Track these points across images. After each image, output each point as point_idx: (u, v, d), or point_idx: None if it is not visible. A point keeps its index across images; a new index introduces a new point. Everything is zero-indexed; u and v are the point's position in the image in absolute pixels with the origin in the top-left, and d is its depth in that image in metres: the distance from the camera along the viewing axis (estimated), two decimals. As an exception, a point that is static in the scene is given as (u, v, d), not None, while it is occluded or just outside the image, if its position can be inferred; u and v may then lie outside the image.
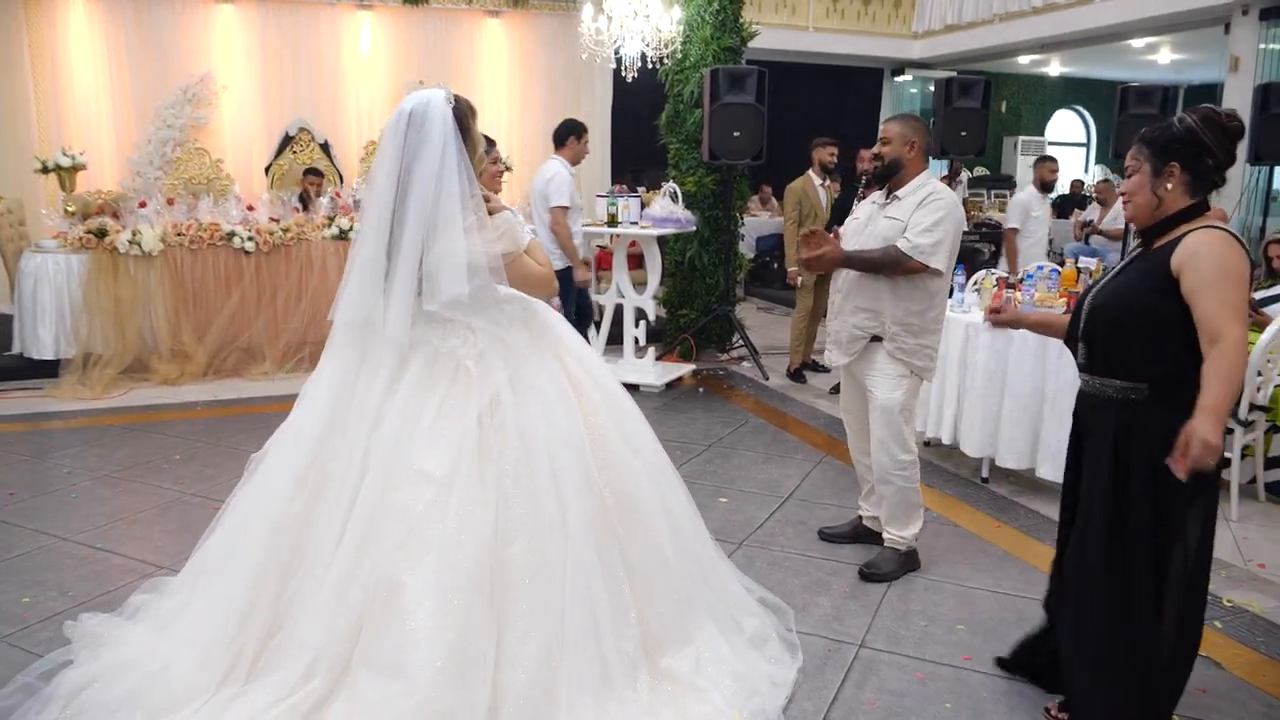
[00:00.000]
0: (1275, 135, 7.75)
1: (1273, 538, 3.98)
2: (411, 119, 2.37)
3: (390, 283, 2.38)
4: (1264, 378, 4.22)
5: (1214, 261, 2.21)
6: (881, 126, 3.51)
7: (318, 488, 2.43)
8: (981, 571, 3.59)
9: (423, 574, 2.27)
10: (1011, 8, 11.71)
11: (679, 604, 2.63)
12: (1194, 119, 2.29)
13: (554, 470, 2.43)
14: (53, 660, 2.66)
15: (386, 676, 2.21)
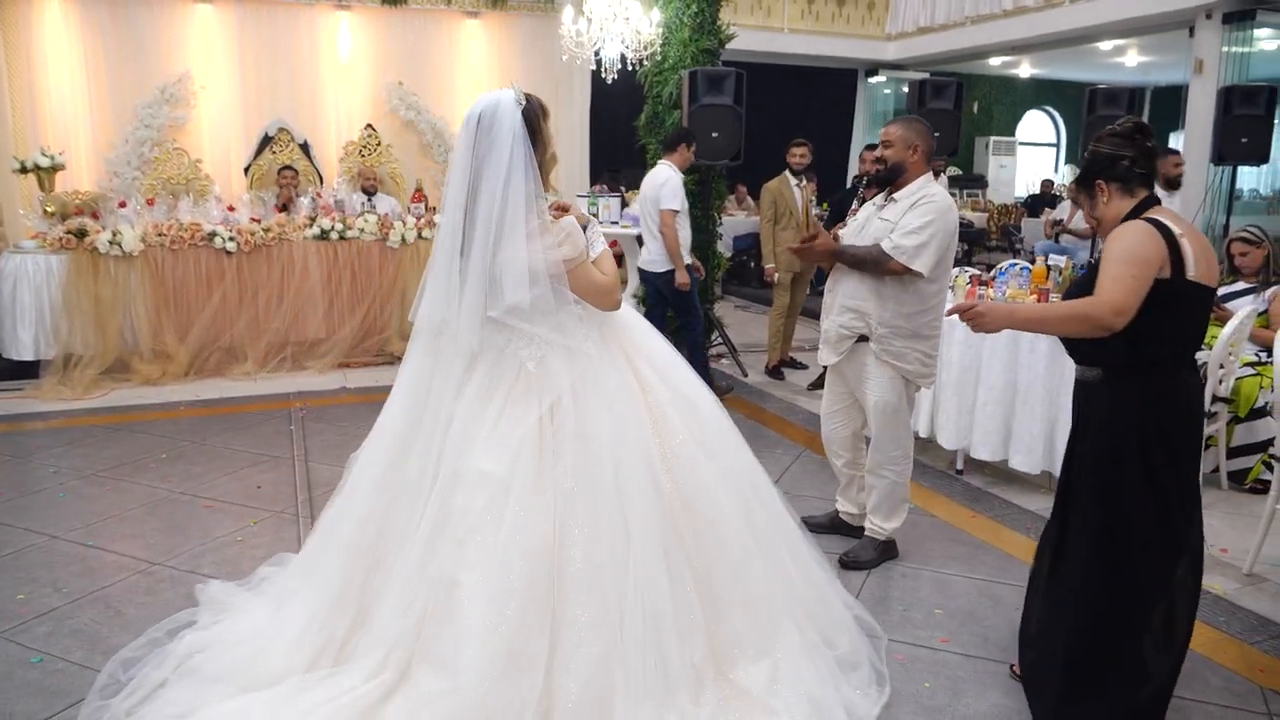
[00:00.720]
0: (1237, 136, 7.97)
1: (1235, 524, 4.12)
2: (480, 123, 2.37)
3: (463, 287, 2.39)
4: (1226, 370, 4.36)
5: (1119, 245, 2.41)
6: (884, 129, 3.52)
7: (397, 488, 2.50)
8: (957, 559, 3.71)
9: (478, 573, 2.29)
10: (983, 10, 11.90)
11: (756, 615, 2.53)
12: (1096, 144, 2.56)
13: (617, 472, 2.39)
14: (179, 619, 2.92)
15: (440, 673, 2.28)
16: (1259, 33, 9.40)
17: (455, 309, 2.39)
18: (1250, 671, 2.91)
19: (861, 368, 3.51)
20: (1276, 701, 2.75)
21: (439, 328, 2.47)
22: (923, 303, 3.40)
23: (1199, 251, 2.41)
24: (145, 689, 2.53)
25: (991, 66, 15.26)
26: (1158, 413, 2.46)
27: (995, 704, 2.70)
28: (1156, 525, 2.45)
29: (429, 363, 2.53)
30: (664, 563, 2.36)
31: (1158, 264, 2.40)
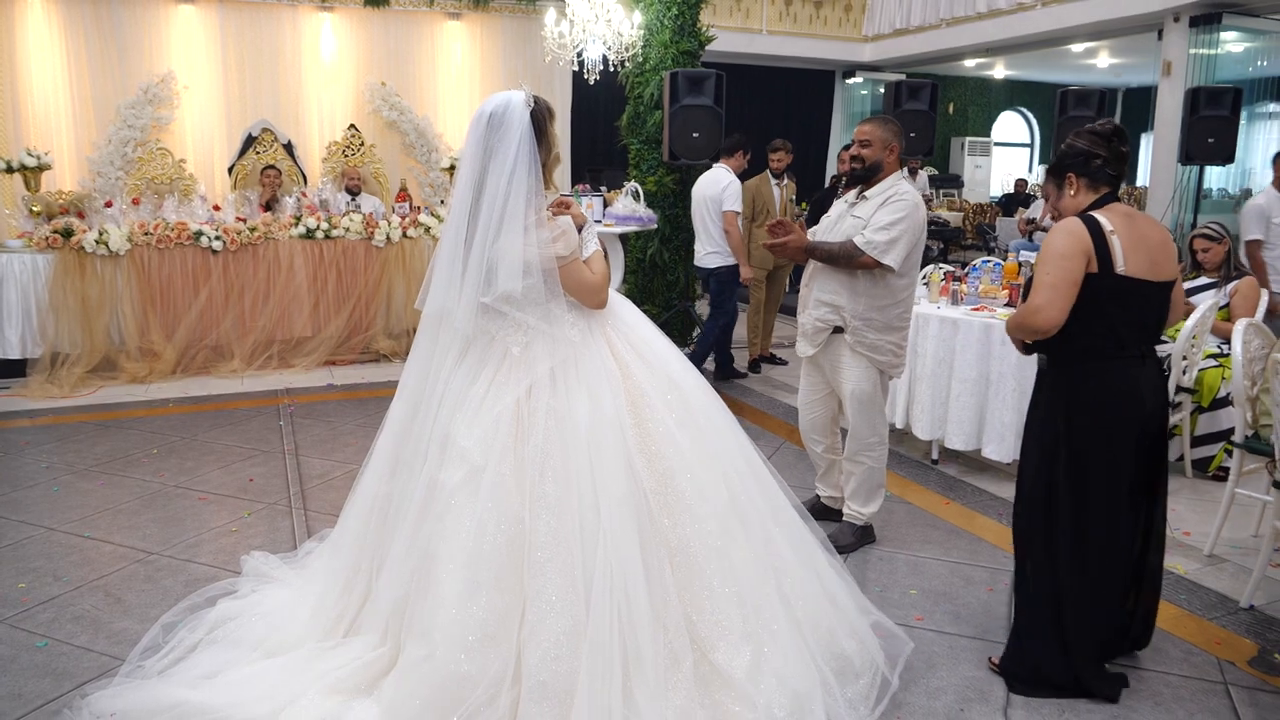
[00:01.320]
0: (1204, 137, 8.17)
1: (1198, 509, 4.29)
2: (491, 120, 2.48)
3: (464, 275, 2.49)
4: (1189, 361, 4.53)
5: (1045, 246, 2.64)
6: (859, 128, 3.63)
7: (401, 468, 2.64)
8: (931, 544, 3.85)
9: (454, 545, 2.37)
10: (958, 13, 12.10)
11: (741, 598, 2.47)
12: (1074, 138, 2.72)
13: (590, 452, 2.42)
14: (221, 586, 3.12)
15: (420, 641, 2.36)
16: (1225, 35, 9.63)
17: (455, 296, 2.50)
18: (1208, 644, 3.06)
19: (837, 359, 3.65)
20: (1231, 670, 2.90)
21: (440, 314, 2.57)
22: (893, 296, 3.54)
23: (1133, 246, 2.57)
24: (179, 651, 2.72)
25: (967, 68, 15.49)
26: (1088, 400, 2.65)
27: (967, 676, 2.84)
28: (1072, 505, 2.68)
29: (431, 348, 2.64)
30: (636, 539, 2.37)
31: (1079, 258, 2.56)
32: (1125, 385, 2.67)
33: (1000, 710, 2.67)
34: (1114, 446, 2.68)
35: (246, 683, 2.52)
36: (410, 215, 7.32)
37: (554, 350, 2.52)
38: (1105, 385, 2.67)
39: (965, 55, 13.42)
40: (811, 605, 2.60)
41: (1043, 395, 2.79)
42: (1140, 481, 2.73)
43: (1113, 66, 14.35)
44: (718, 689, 2.38)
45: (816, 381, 3.83)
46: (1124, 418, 2.68)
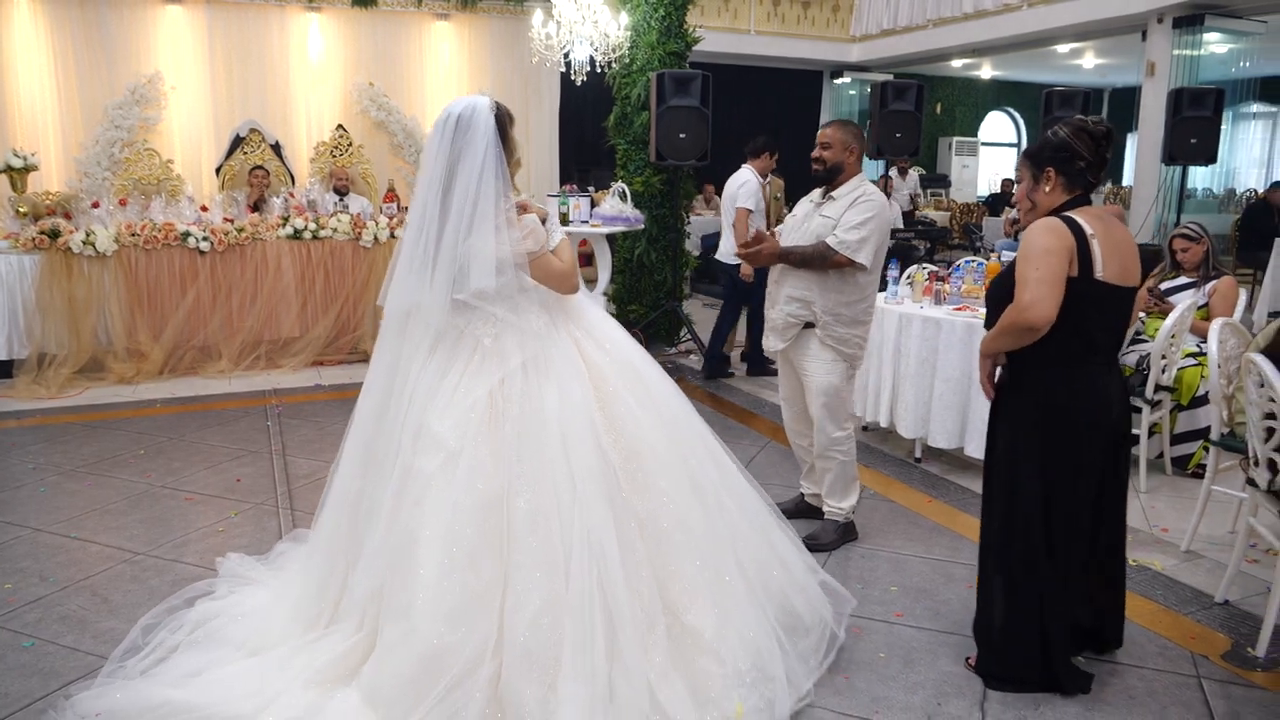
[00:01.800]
0: (1186, 137, 8.25)
1: (1177, 506, 4.34)
2: (459, 123, 2.58)
3: (434, 271, 2.58)
4: (1168, 360, 4.59)
5: (1025, 244, 2.61)
6: (821, 131, 3.73)
7: (372, 464, 2.69)
8: (914, 541, 3.89)
9: (433, 527, 2.46)
10: (944, 13, 12.17)
11: (704, 564, 2.64)
12: (1067, 131, 2.67)
13: (563, 434, 2.56)
14: (198, 588, 3.12)
15: (398, 619, 2.43)
16: (1208, 36, 9.72)
17: (427, 291, 2.58)
18: (1183, 639, 3.11)
19: (805, 352, 3.73)
20: (1204, 664, 2.95)
21: (409, 310, 2.65)
22: (860, 291, 3.66)
23: (1109, 252, 2.60)
24: (160, 652, 2.74)
25: (954, 68, 15.57)
26: (1062, 405, 2.67)
27: (945, 671, 2.88)
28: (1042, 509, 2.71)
29: (398, 344, 2.71)
30: (609, 513, 2.51)
31: (1064, 255, 2.57)
32: (1096, 390, 2.71)
33: (977, 705, 2.71)
34: (1088, 451, 2.71)
35: (231, 681, 2.54)
36: (398, 215, 7.34)
37: (524, 343, 2.64)
38: (1078, 390, 2.69)
39: (952, 55, 13.50)
40: (764, 567, 2.82)
41: (1011, 400, 2.77)
42: (1108, 484, 2.77)
43: (1098, 67, 14.44)
44: (689, 648, 2.55)
45: (791, 377, 3.90)
46: (1096, 423, 2.72)
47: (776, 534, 2.94)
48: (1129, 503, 4.34)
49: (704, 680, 2.50)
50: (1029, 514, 2.71)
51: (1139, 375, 4.66)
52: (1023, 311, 2.56)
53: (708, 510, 2.72)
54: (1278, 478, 3.03)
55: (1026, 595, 2.73)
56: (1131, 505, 4.30)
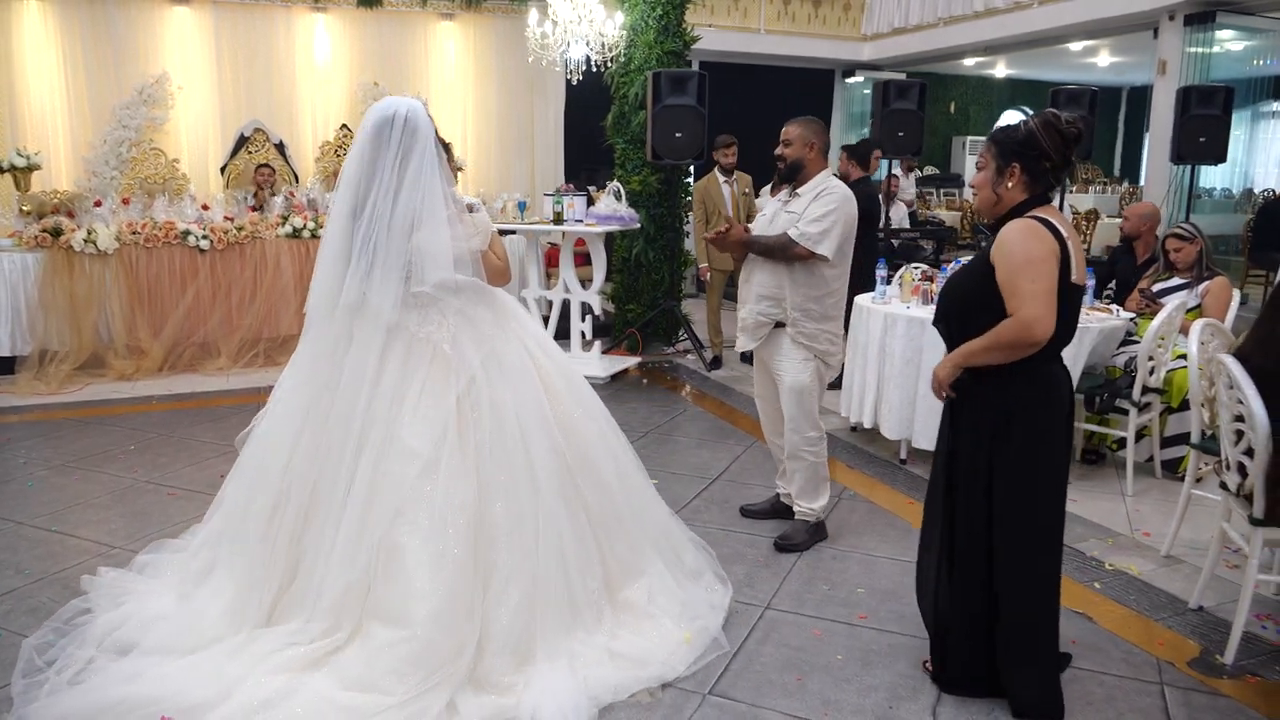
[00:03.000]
0: (1195, 136, 8.14)
1: (1162, 510, 4.28)
2: (407, 123, 2.67)
3: (385, 265, 2.64)
4: (1156, 361, 4.53)
5: (1015, 251, 2.50)
6: (784, 129, 3.74)
7: (317, 457, 2.71)
8: (887, 542, 3.86)
9: (419, 537, 2.58)
10: (955, 12, 12.06)
11: (632, 545, 3.02)
12: (1036, 123, 2.56)
13: (523, 436, 2.76)
14: (73, 607, 3.03)
15: (393, 625, 2.54)
16: (1220, 34, 9.58)
17: (377, 287, 2.64)
18: (1151, 645, 3.07)
19: (777, 351, 3.73)
20: (1169, 671, 2.91)
21: (353, 306, 2.69)
22: (827, 285, 3.65)
23: (1077, 253, 2.56)
24: (76, 665, 2.68)
25: (967, 67, 15.43)
26: (1030, 405, 2.61)
27: (901, 674, 2.85)
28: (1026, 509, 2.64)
29: (331, 337, 2.76)
30: (565, 509, 2.78)
31: (1055, 262, 2.51)
32: (1058, 387, 2.68)
33: (929, 709, 2.68)
34: (1057, 450, 2.68)
35: (182, 675, 2.56)
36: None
37: (479, 341, 2.76)
38: (1044, 389, 2.65)
39: (964, 54, 13.37)
40: (667, 534, 3.26)
41: (974, 406, 2.67)
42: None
43: (1113, 65, 14.27)
44: (627, 615, 2.91)
45: (765, 376, 3.89)
46: (1058, 420, 2.69)
47: (661, 504, 3.37)
48: (1114, 506, 4.34)
49: (649, 630, 2.88)
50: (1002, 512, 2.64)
51: (1127, 377, 4.61)
52: (1028, 328, 2.47)
53: (629, 496, 3.07)
54: (1247, 481, 2.98)
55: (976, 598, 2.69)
56: (1116, 509, 4.30)
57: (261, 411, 2.97)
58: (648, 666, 2.75)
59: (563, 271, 6.68)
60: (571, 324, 6.67)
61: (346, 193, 2.70)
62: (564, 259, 6.70)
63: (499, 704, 2.53)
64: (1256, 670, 2.90)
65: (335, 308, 2.72)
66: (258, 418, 2.96)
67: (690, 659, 2.82)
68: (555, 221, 6.42)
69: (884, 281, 5.19)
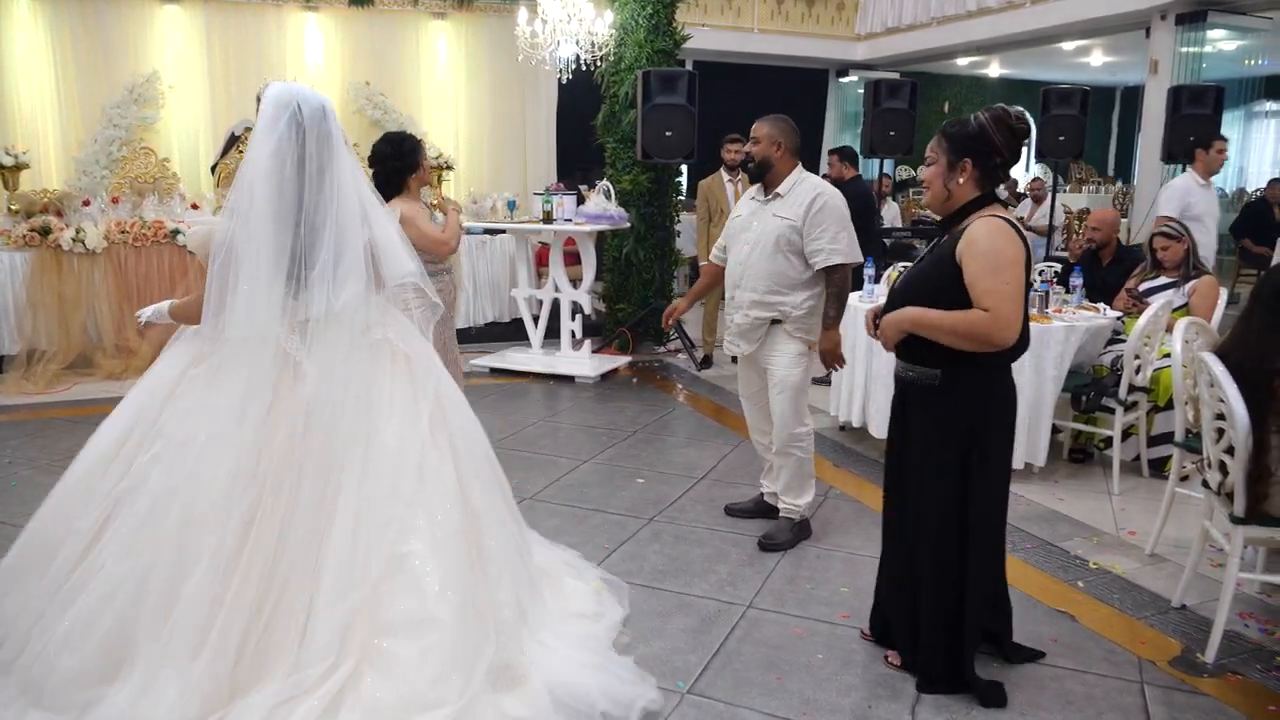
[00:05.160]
0: (1186, 135, 8.13)
1: (1148, 509, 4.27)
2: (327, 112, 2.46)
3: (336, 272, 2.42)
4: (1142, 360, 4.52)
5: (989, 250, 2.50)
6: (753, 127, 3.70)
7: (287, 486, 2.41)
8: (872, 542, 3.82)
9: (421, 542, 2.48)
10: (948, 11, 12.07)
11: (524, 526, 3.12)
12: (986, 118, 2.57)
13: (472, 426, 2.77)
14: None
15: (418, 634, 2.39)
16: (1211, 34, 9.58)
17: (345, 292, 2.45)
18: (1132, 644, 3.06)
19: (771, 347, 3.71)
20: (1150, 670, 2.90)
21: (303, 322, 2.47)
22: (823, 280, 3.66)
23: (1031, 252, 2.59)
24: None
25: (961, 67, 15.43)
26: (999, 402, 2.65)
27: (881, 673, 2.85)
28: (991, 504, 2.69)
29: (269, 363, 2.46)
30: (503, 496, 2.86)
31: (1023, 264, 2.53)
32: (1013, 386, 2.73)
33: (909, 709, 2.68)
34: (1010, 445, 2.76)
35: None
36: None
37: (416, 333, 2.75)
38: (1005, 388, 2.70)
39: (957, 53, 13.38)
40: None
41: (935, 403, 2.66)
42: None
43: (1106, 65, 14.28)
44: (546, 580, 3.04)
45: (751, 375, 3.88)
46: (1013, 417, 2.76)
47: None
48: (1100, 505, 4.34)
49: (569, 591, 3.09)
50: (948, 514, 2.67)
51: (1113, 376, 4.60)
52: (1000, 329, 2.47)
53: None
54: (1228, 479, 2.97)
55: (949, 597, 2.69)
56: (1102, 507, 4.30)
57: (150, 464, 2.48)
58: (600, 620, 2.96)
59: (553, 271, 6.67)
60: (562, 323, 6.67)
61: (268, 193, 2.38)
62: (554, 258, 6.69)
63: (526, 690, 2.49)
64: (1237, 669, 2.90)
65: (272, 326, 2.42)
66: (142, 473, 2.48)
67: (617, 600, 3.12)
68: (545, 221, 6.41)
69: (872, 280, 5.19)
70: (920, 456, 2.71)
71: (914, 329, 2.63)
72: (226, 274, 2.43)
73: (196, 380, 2.58)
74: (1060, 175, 10.62)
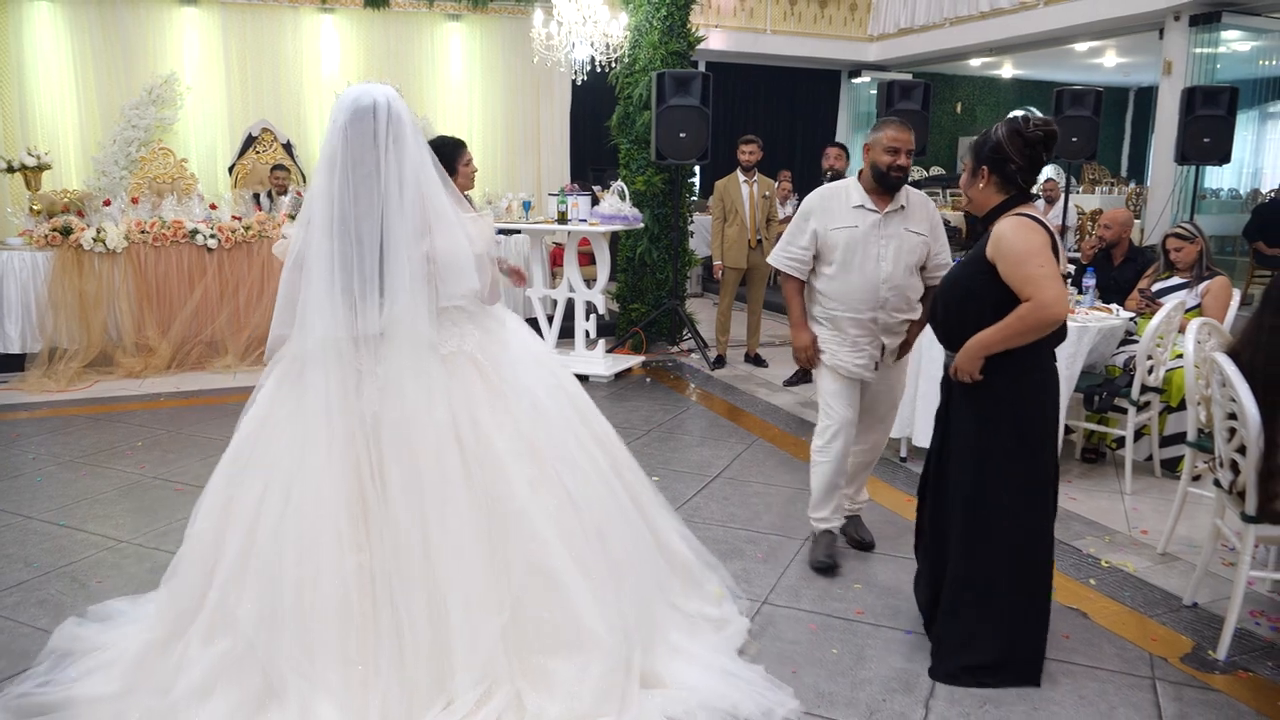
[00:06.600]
0: (1199, 136, 8.15)
1: (1160, 509, 4.30)
2: (391, 112, 2.31)
3: (394, 283, 2.31)
4: (1154, 361, 4.54)
5: (1017, 243, 2.61)
6: (902, 135, 3.32)
7: (426, 507, 2.35)
8: (886, 539, 3.88)
9: (556, 552, 2.40)
10: (961, 12, 12.09)
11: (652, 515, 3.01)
12: (1002, 131, 2.69)
13: (562, 420, 2.66)
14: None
15: (576, 650, 2.36)
16: (1226, 35, 9.58)
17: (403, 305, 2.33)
18: (1144, 641, 3.09)
19: (897, 365, 3.63)
20: (1162, 666, 2.93)
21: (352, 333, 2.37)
22: None
23: (1060, 252, 2.66)
24: None
25: (974, 68, 15.43)
26: (1052, 393, 2.76)
27: (896, 668, 2.88)
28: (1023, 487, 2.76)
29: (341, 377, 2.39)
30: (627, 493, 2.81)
31: (1049, 248, 2.62)
32: (1054, 369, 2.85)
33: (922, 702, 2.71)
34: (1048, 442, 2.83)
35: None
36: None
37: (505, 347, 2.60)
38: (1054, 379, 2.82)
39: (970, 54, 13.38)
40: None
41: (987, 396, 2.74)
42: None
43: (1120, 66, 14.26)
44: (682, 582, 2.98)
45: (855, 393, 3.56)
46: (1051, 414, 2.84)
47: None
48: (1113, 504, 4.36)
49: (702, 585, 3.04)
50: (1038, 494, 2.76)
51: (1126, 376, 4.62)
52: (1048, 308, 2.58)
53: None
54: (1239, 478, 3.00)
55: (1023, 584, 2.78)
56: (1114, 507, 4.32)
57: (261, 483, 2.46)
58: (726, 626, 2.88)
59: (567, 270, 6.72)
60: (576, 323, 6.72)
61: (323, 204, 2.32)
62: (568, 258, 6.74)
63: (669, 696, 2.45)
64: (1248, 665, 2.92)
65: (331, 339, 2.35)
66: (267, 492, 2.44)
67: (738, 610, 3.03)
68: (560, 221, 6.46)
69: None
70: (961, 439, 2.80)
71: (983, 354, 2.71)
72: (292, 281, 2.43)
73: (284, 403, 2.52)
74: (1073, 176, 10.62)
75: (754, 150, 6.77)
